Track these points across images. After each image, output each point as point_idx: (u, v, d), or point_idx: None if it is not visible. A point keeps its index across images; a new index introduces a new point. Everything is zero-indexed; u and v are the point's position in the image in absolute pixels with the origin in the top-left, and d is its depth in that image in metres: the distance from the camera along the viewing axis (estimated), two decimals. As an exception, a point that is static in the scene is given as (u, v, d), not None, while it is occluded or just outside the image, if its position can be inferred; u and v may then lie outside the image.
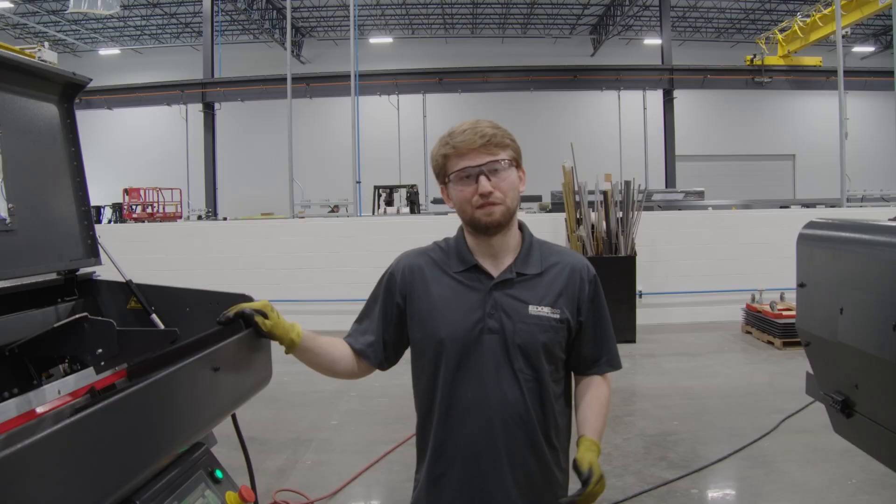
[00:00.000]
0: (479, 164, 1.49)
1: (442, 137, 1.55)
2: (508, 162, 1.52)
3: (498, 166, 1.50)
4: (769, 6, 20.99)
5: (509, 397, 1.52)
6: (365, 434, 4.54)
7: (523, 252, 1.60)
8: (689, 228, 8.79)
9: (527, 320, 1.53)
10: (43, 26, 21.21)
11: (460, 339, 1.54)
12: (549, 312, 1.55)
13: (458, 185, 1.53)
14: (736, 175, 21.99)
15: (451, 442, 1.56)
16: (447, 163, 1.53)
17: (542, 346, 1.54)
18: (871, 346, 1.80)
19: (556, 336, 1.56)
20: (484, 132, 1.50)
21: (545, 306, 1.55)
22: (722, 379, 5.94)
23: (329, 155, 19.97)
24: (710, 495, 3.69)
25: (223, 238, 8.97)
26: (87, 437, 1.32)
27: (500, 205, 1.51)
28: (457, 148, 1.51)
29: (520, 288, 1.56)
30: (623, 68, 17.96)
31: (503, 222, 1.53)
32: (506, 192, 1.51)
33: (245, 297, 2.46)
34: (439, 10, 22.02)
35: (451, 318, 1.55)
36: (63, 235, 2.45)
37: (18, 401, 1.96)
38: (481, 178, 1.49)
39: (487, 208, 1.50)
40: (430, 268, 1.63)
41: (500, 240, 1.57)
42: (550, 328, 1.55)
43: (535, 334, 1.53)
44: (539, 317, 1.54)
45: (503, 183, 1.51)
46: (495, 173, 1.50)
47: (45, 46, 5.33)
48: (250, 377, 2.19)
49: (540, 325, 1.54)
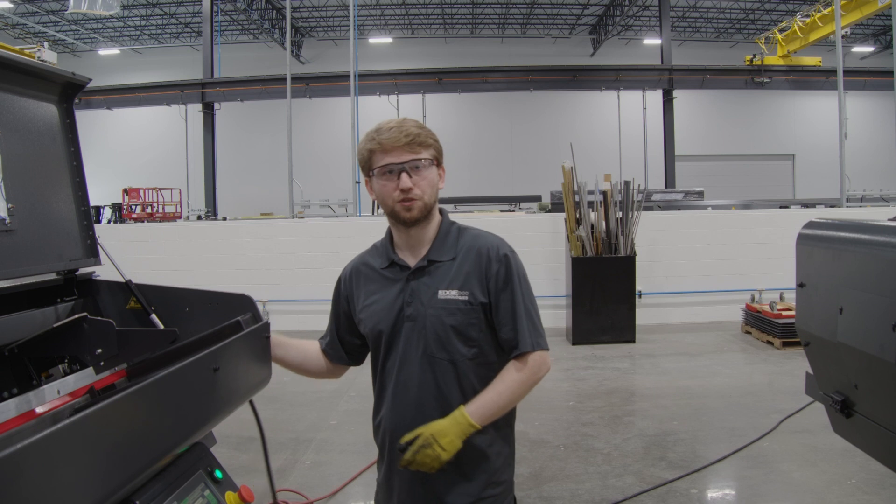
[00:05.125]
0: (401, 161, 1.58)
1: (369, 132, 1.63)
2: (430, 161, 1.61)
3: (419, 164, 1.59)
4: (769, 6, 20.98)
5: (424, 381, 1.61)
6: (364, 434, 4.51)
7: (438, 240, 1.67)
8: (689, 228, 8.79)
9: (435, 304, 1.61)
10: (42, 26, 21.19)
11: (387, 329, 1.65)
12: (456, 295, 1.60)
13: (381, 179, 1.61)
14: (735, 175, 21.99)
15: (384, 425, 1.69)
16: (372, 157, 1.61)
17: (452, 329, 1.59)
18: (871, 346, 1.80)
19: (467, 318, 1.60)
20: (409, 131, 1.58)
21: (453, 289, 1.61)
22: (721, 379, 5.94)
23: (329, 155, 19.96)
24: (709, 495, 3.68)
25: (223, 238, 8.97)
26: (87, 437, 1.32)
27: (418, 201, 1.60)
28: (382, 144, 1.59)
29: (432, 275, 1.63)
30: (623, 68, 17.95)
31: (420, 217, 1.62)
32: (424, 189, 1.60)
33: (245, 297, 2.47)
34: (439, 11, 22.01)
35: (379, 311, 1.67)
36: (62, 235, 2.45)
37: (18, 401, 1.96)
38: (403, 175, 1.58)
39: (407, 203, 1.59)
40: (365, 269, 1.77)
41: (419, 232, 1.66)
42: (458, 310, 1.60)
43: (441, 318, 1.60)
44: (447, 300, 1.60)
45: (423, 181, 1.60)
46: (416, 171, 1.59)
47: (44, 46, 5.35)
48: (250, 377, 2.19)
49: (447, 308, 1.60)
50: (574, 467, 3.96)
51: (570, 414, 5.06)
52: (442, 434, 1.52)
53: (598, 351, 7.08)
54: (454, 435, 1.52)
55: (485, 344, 1.63)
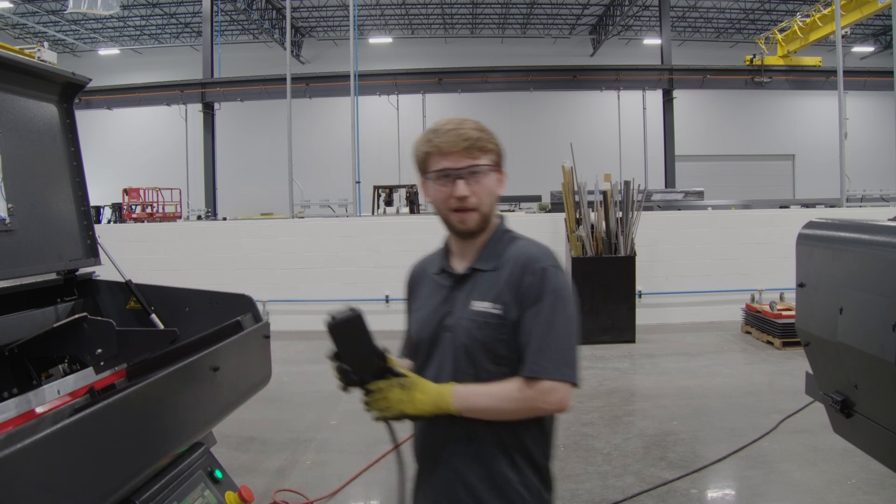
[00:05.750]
0: (459, 167, 1.49)
1: (426, 133, 1.55)
2: (489, 167, 1.52)
3: (478, 170, 1.50)
4: (769, 6, 20.98)
5: None
6: (364, 434, 4.53)
7: (487, 248, 1.57)
8: (689, 228, 8.79)
9: (468, 316, 1.50)
10: (42, 26, 21.19)
11: (427, 337, 1.57)
12: (489, 307, 1.48)
13: (437, 183, 1.52)
14: (735, 175, 22.00)
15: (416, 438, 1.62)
16: (428, 160, 1.53)
17: (479, 344, 1.48)
18: (871, 346, 1.80)
19: (496, 333, 1.47)
20: (468, 135, 1.49)
21: (487, 301, 1.49)
22: (721, 379, 5.93)
23: (329, 155, 19.97)
24: (709, 495, 3.68)
25: (222, 238, 8.97)
26: (87, 437, 1.32)
27: (474, 211, 1.51)
28: (439, 147, 1.50)
29: (473, 284, 1.54)
30: (623, 68, 17.96)
31: (476, 231, 1.54)
32: (482, 197, 1.51)
33: (245, 297, 2.46)
34: (439, 11, 22.01)
35: (423, 318, 1.60)
36: (63, 235, 2.45)
37: (18, 401, 1.96)
38: (459, 182, 1.49)
39: (462, 214, 1.51)
40: (423, 272, 1.69)
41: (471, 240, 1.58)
42: (487, 324, 1.47)
43: (472, 331, 1.48)
44: (479, 312, 1.49)
45: (481, 188, 1.51)
46: (474, 177, 1.50)
47: (44, 46, 5.34)
48: (250, 377, 2.19)
49: (477, 321, 1.48)
50: (574, 467, 3.96)
51: (569, 414, 5.06)
52: (422, 390, 1.42)
53: (598, 351, 7.08)
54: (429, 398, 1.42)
55: (516, 364, 1.46)
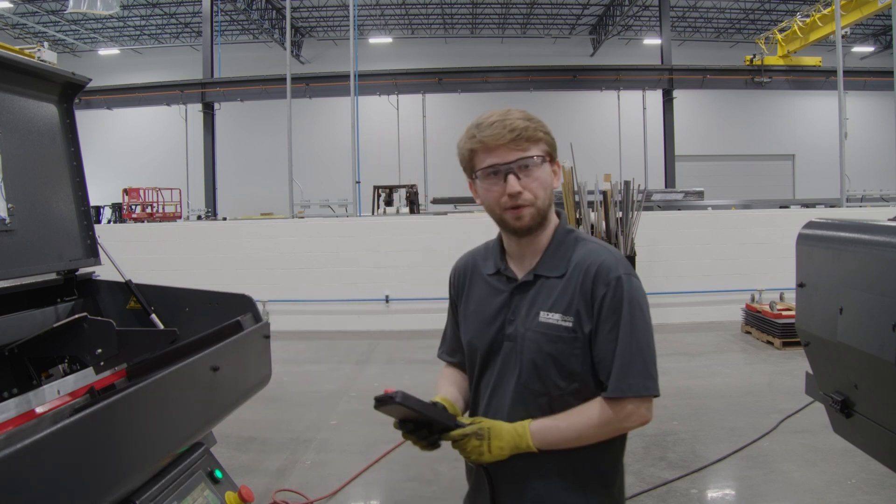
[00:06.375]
0: (507, 161, 1.36)
1: (469, 129, 1.42)
2: (541, 158, 1.38)
3: (529, 163, 1.36)
4: (769, 6, 20.98)
5: (515, 413, 1.40)
6: (364, 434, 4.53)
7: (549, 251, 1.43)
8: (689, 228, 8.79)
9: (535, 328, 1.39)
10: (42, 26, 21.19)
11: (484, 345, 1.46)
12: (559, 320, 1.37)
13: (486, 182, 1.39)
14: (735, 175, 21.99)
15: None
16: (474, 157, 1.41)
17: (550, 358, 1.37)
18: (871, 346, 1.80)
19: (569, 348, 1.36)
20: (514, 125, 1.36)
21: (557, 312, 1.37)
22: (721, 379, 5.93)
23: (329, 155, 19.97)
24: (709, 495, 3.68)
25: (222, 238, 8.97)
26: (87, 437, 1.32)
27: (529, 207, 1.37)
28: (484, 142, 1.37)
29: (537, 292, 1.41)
30: (623, 68, 17.96)
31: (533, 226, 1.40)
32: (536, 191, 1.37)
33: (245, 297, 2.46)
34: (439, 11, 22.01)
35: (479, 323, 1.48)
36: (62, 235, 2.45)
37: (18, 401, 1.96)
38: (510, 178, 1.36)
39: (516, 211, 1.38)
40: (473, 269, 1.56)
41: (530, 240, 1.44)
42: (559, 338, 1.36)
43: (541, 344, 1.37)
44: (548, 324, 1.37)
45: (534, 182, 1.37)
46: (525, 171, 1.36)
47: (44, 46, 5.34)
48: (250, 377, 2.19)
49: (547, 333, 1.37)
50: (574, 467, 3.95)
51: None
52: (498, 436, 1.34)
53: (598, 351, 7.07)
54: (507, 443, 1.34)
55: (588, 378, 1.38)
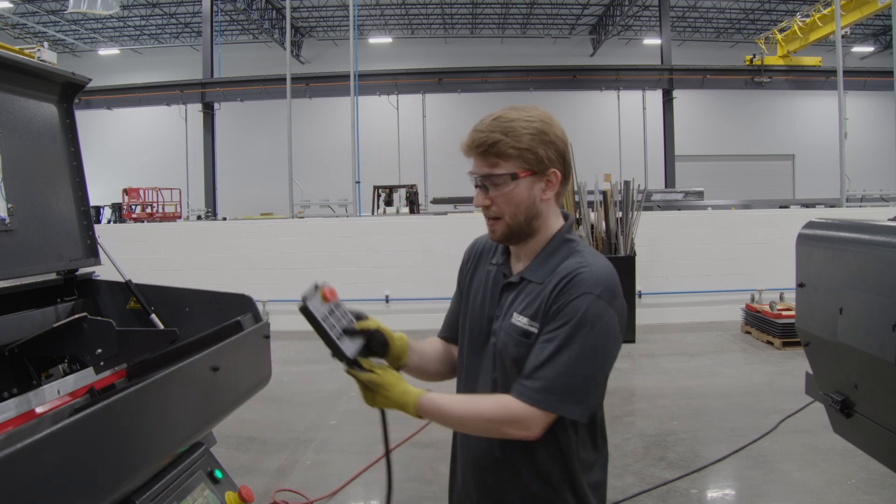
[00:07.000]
0: (479, 173, 1.35)
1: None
2: (511, 176, 1.32)
3: (496, 181, 1.33)
4: (769, 6, 20.98)
5: None
6: (364, 434, 4.53)
7: (541, 257, 1.41)
8: (689, 228, 8.79)
9: (507, 329, 1.39)
10: (42, 26, 21.19)
11: (474, 335, 1.48)
12: (526, 324, 1.35)
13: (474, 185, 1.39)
14: (735, 175, 22.00)
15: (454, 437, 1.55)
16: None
17: (513, 360, 1.37)
18: (871, 346, 1.80)
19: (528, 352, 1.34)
20: (480, 140, 1.32)
21: (526, 316, 1.36)
22: (721, 379, 5.93)
23: (329, 155, 19.97)
24: (709, 495, 3.68)
25: (222, 238, 8.97)
26: (87, 437, 1.32)
27: (499, 221, 1.36)
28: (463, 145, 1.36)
29: (518, 293, 1.41)
30: (622, 68, 17.96)
31: (504, 241, 1.41)
32: (503, 208, 1.34)
33: (245, 297, 2.46)
34: (439, 11, 22.00)
35: (474, 312, 1.49)
36: (62, 235, 2.45)
37: (18, 401, 1.96)
38: (477, 191, 1.36)
39: (489, 222, 1.39)
40: (485, 253, 1.55)
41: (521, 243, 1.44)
42: (521, 342, 1.35)
43: (507, 345, 1.38)
44: (516, 327, 1.37)
45: (501, 198, 1.34)
46: (495, 187, 1.34)
47: (44, 46, 5.34)
48: (250, 377, 2.19)
49: (514, 336, 1.37)
50: (574, 467, 3.95)
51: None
52: (385, 394, 1.36)
53: (598, 351, 7.07)
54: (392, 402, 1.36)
55: None
